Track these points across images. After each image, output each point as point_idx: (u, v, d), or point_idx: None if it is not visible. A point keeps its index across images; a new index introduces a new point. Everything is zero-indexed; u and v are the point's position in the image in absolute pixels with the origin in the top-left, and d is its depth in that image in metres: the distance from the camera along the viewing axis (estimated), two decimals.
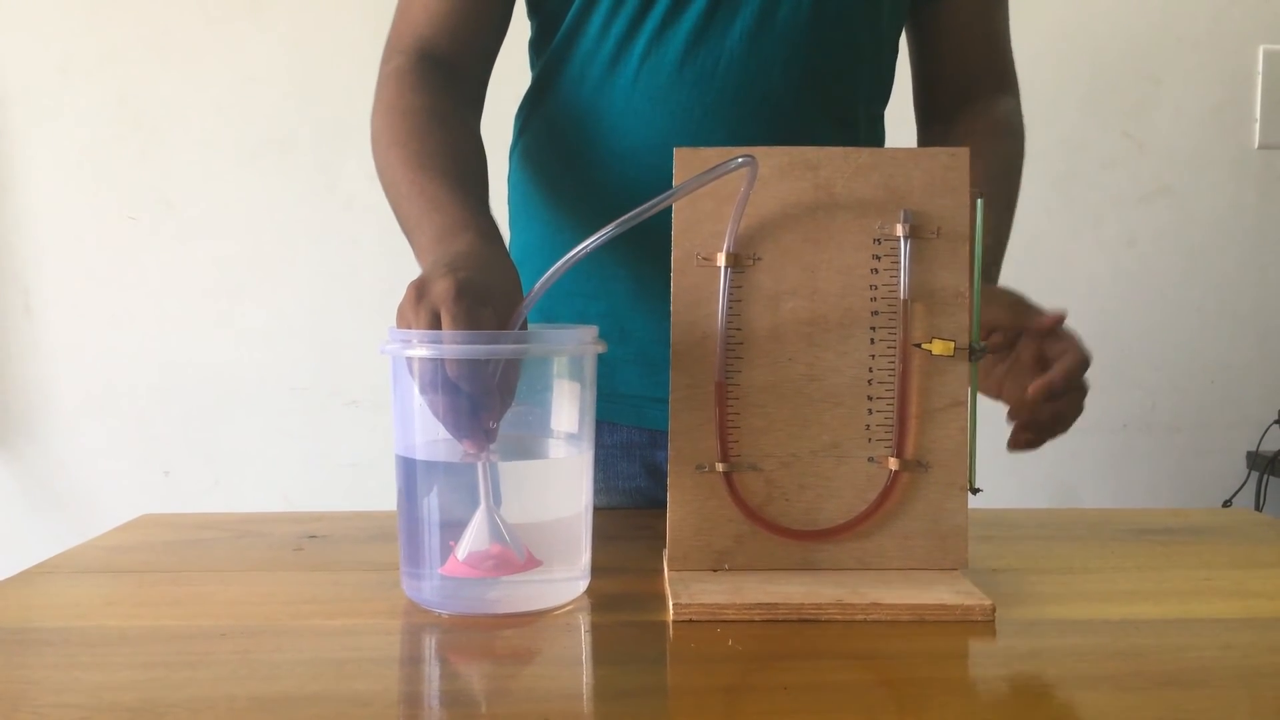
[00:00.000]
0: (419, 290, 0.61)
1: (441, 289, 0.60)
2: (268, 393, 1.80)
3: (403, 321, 0.62)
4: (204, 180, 1.78)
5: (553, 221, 0.89)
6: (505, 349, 0.60)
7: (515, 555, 0.61)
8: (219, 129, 1.77)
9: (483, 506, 0.61)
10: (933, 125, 0.97)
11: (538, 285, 0.61)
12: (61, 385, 1.80)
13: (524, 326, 0.64)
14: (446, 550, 0.62)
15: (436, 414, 0.60)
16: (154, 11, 1.75)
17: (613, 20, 0.83)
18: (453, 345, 0.60)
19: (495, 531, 0.61)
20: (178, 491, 1.81)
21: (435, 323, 0.60)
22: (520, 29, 0.92)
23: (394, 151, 0.76)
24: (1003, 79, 0.95)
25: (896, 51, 0.92)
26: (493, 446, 0.62)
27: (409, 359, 0.61)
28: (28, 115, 1.76)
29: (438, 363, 0.59)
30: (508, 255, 0.69)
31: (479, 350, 0.60)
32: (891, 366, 0.66)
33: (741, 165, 0.61)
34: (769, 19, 0.81)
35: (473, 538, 0.61)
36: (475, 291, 0.60)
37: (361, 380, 1.79)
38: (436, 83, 0.81)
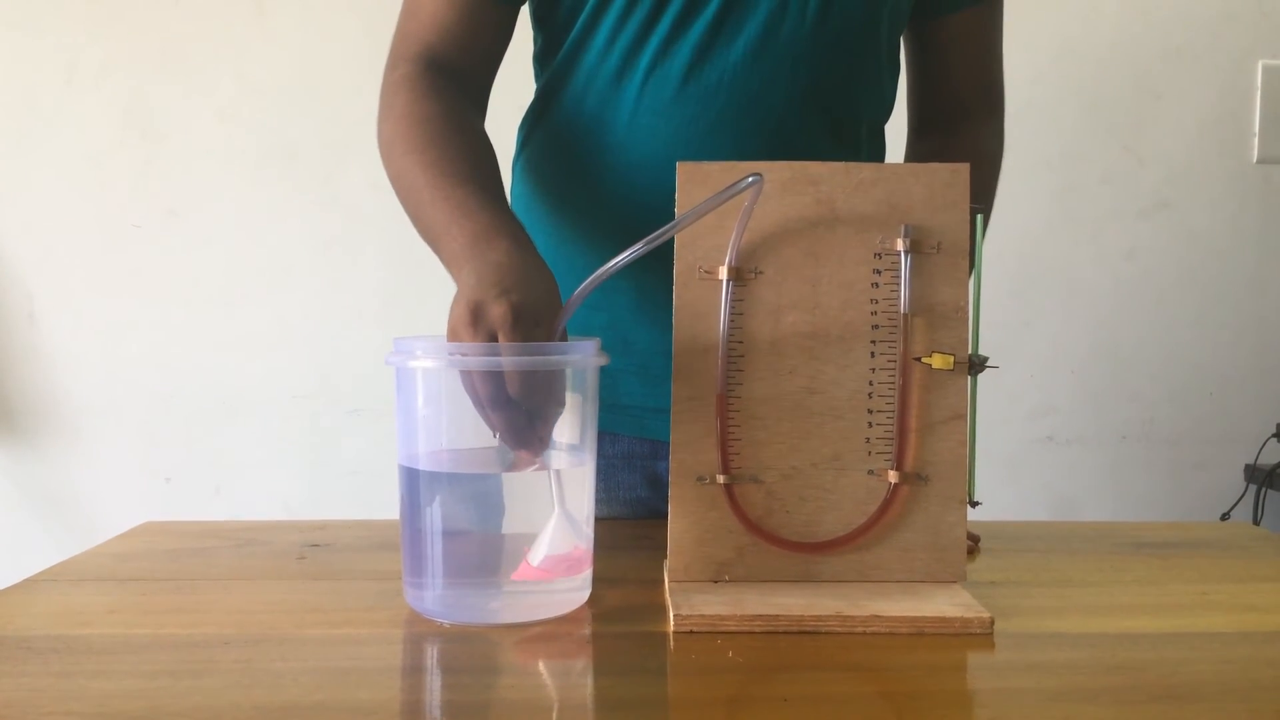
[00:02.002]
0: (474, 314, 0.62)
1: (499, 315, 0.62)
2: (270, 400, 1.80)
3: (457, 339, 0.63)
4: (208, 189, 1.78)
5: (556, 234, 0.90)
6: (511, 360, 0.61)
7: (589, 552, 0.63)
8: (223, 138, 1.78)
9: (558, 511, 0.62)
10: (922, 139, 0.98)
11: (572, 298, 0.64)
12: (65, 391, 1.81)
13: (564, 337, 0.66)
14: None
15: (492, 427, 0.62)
16: (159, 21, 1.76)
17: (618, 34, 0.84)
18: (466, 357, 0.61)
19: (578, 532, 0.62)
20: (179, 498, 1.81)
21: (493, 347, 0.62)
22: (525, 41, 0.93)
23: (412, 158, 0.77)
24: (991, 100, 0.97)
25: (898, 68, 0.93)
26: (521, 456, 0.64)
27: (464, 377, 0.62)
28: (33, 123, 1.77)
29: (496, 377, 0.61)
30: (540, 258, 0.71)
31: (483, 362, 0.60)
32: (891, 380, 0.67)
33: (752, 184, 0.62)
34: (773, 35, 0.82)
35: (551, 541, 0.62)
36: (531, 315, 0.63)
37: (363, 388, 1.80)
38: (446, 89, 0.82)
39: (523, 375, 0.61)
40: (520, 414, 0.62)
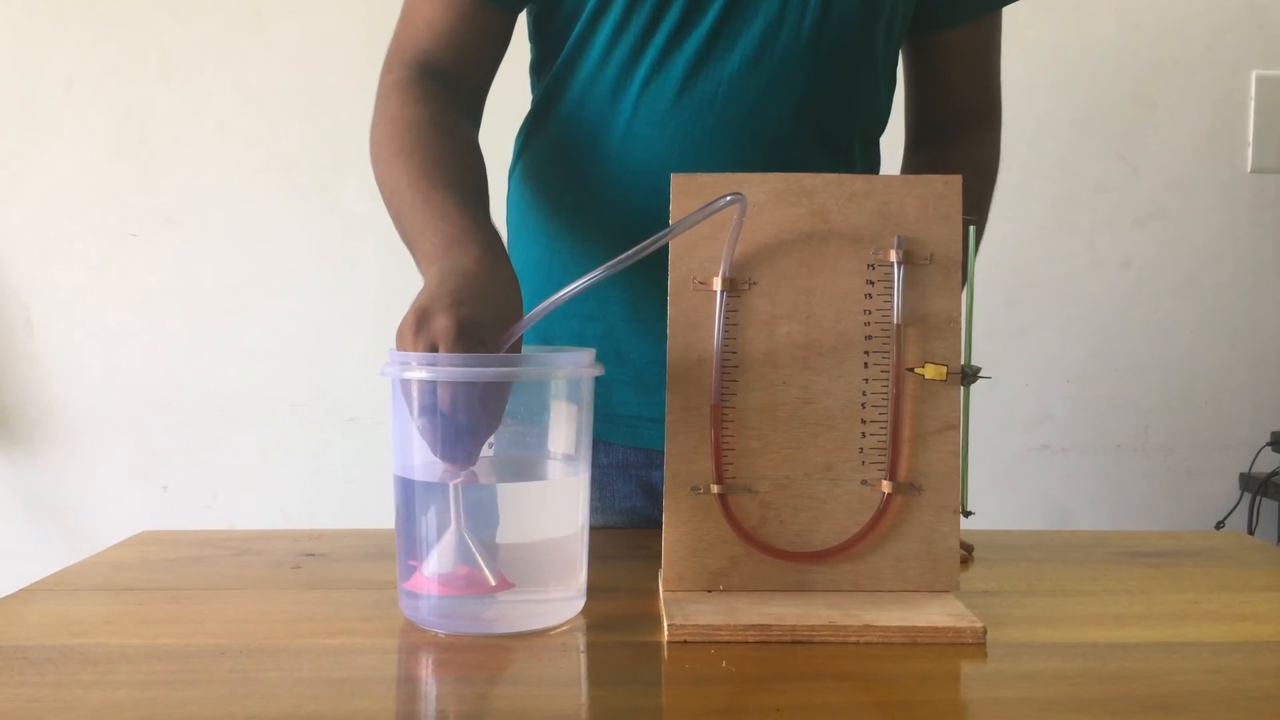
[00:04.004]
0: (420, 319, 0.62)
1: (443, 327, 0.61)
2: (267, 409, 1.81)
3: (402, 344, 0.63)
4: (205, 198, 1.79)
5: (551, 243, 0.90)
6: (504, 371, 0.61)
7: (485, 578, 0.62)
8: (221, 148, 1.78)
9: (452, 528, 0.62)
10: (919, 151, 0.99)
11: (524, 320, 0.63)
12: (62, 400, 1.81)
13: (519, 346, 0.65)
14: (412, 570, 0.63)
15: (424, 436, 0.62)
16: (157, 31, 1.76)
17: (615, 45, 0.84)
18: (453, 368, 0.61)
19: (464, 554, 0.62)
20: (176, 507, 1.82)
21: (433, 355, 0.61)
22: (522, 49, 0.93)
23: (398, 161, 0.77)
24: (989, 111, 0.98)
25: (894, 82, 0.93)
26: (472, 469, 0.63)
27: (403, 381, 0.62)
28: (32, 132, 1.77)
29: (427, 387, 0.60)
30: (511, 269, 0.71)
31: (479, 373, 0.60)
32: (885, 390, 0.67)
33: (731, 203, 0.62)
34: (769, 48, 0.83)
35: (438, 559, 0.61)
36: (476, 331, 0.62)
37: (360, 397, 1.80)
38: (439, 95, 0.82)
39: (454, 389, 0.60)
40: (448, 427, 0.61)
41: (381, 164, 0.79)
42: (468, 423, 0.61)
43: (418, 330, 0.61)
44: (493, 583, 0.62)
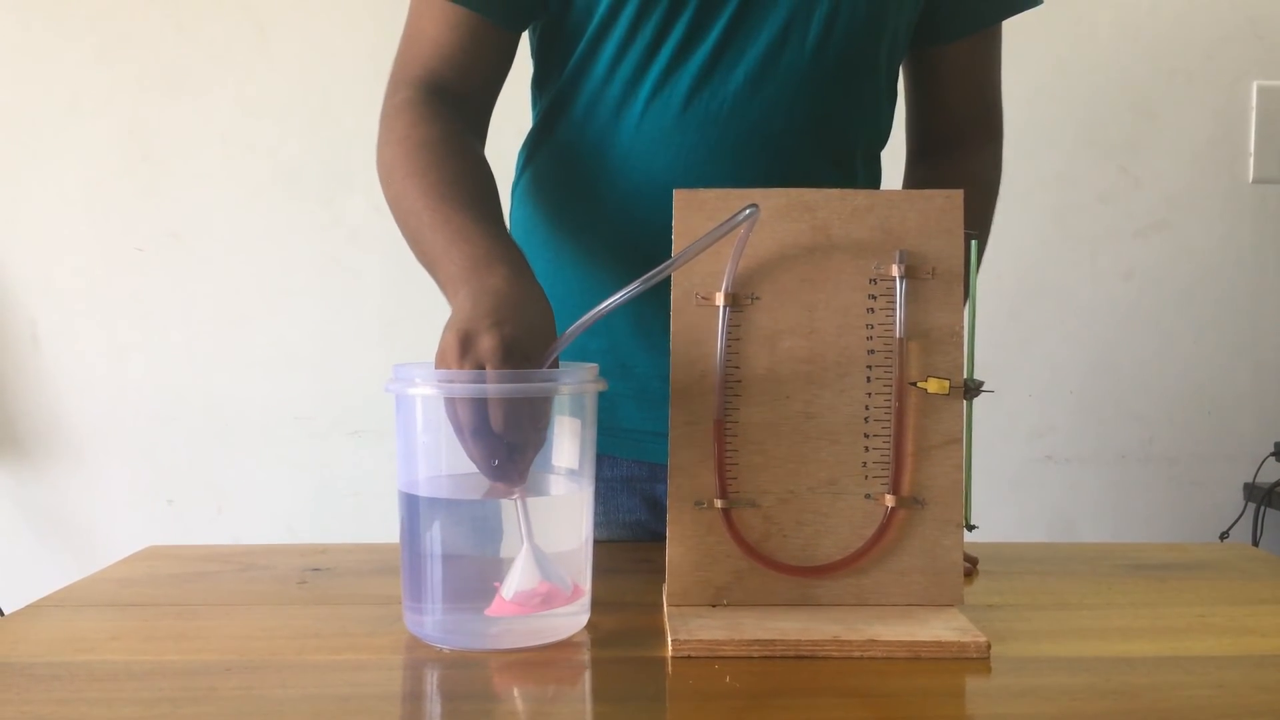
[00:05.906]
0: (464, 342, 0.62)
1: (488, 348, 0.61)
2: (271, 422, 1.81)
3: (445, 367, 0.63)
4: (210, 213, 1.79)
5: (556, 259, 0.90)
6: (506, 388, 0.61)
7: (563, 589, 0.62)
8: (225, 162, 1.79)
9: (526, 545, 0.62)
10: (921, 164, 0.99)
11: (564, 335, 0.64)
12: (68, 414, 1.81)
13: (557, 363, 0.65)
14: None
15: (472, 457, 0.62)
16: (162, 47, 1.77)
17: (619, 63, 0.85)
18: (455, 385, 0.61)
19: (544, 568, 0.62)
20: (181, 520, 1.82)
21: (479, 376, 0.62)
22: (523, 65, 0.93)
23: (411, 182, 0.77)
24: (990, 125, 0.98)
25: (895, 96, 0.94)
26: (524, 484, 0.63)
27: (446, 404, 0.62)
28: (37, 147, 1.78)
29: (479, 408, 0.60)
30: (539, 286, 0.71)
31: (479, 389, 0.61)
32: (887, 404, 0.67)
33: (749, 216, 0.63)
34: (772, 65, 0.83)
35: (520, 576, 0.62)
36: (521, 349, 0.62)
37: (364, 410, 1.80)
38: (447, 114, 0.82)
39: (506, 407, 0.60)
40: (500, 446, 0.61)
41: (394, 185, 0.79)
42: (518, 439, 0.61)
43: (463, 352, 0.62)
44: (568, 592, 0.62)
